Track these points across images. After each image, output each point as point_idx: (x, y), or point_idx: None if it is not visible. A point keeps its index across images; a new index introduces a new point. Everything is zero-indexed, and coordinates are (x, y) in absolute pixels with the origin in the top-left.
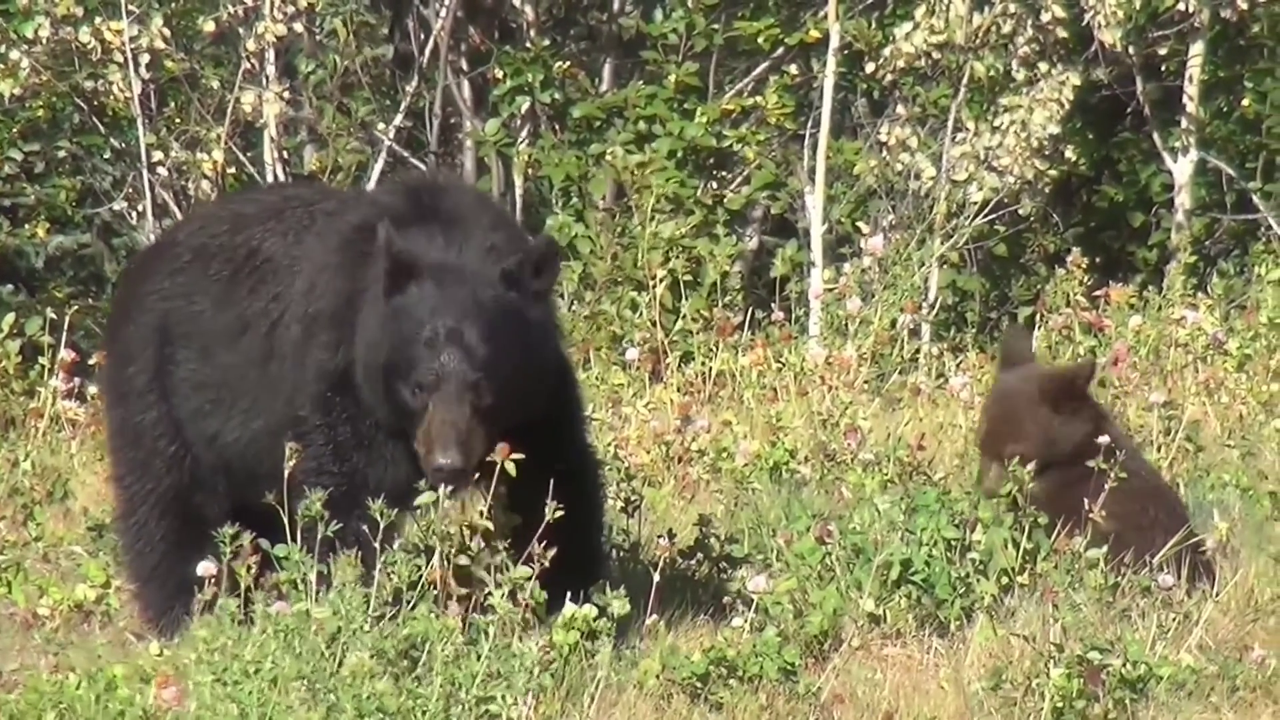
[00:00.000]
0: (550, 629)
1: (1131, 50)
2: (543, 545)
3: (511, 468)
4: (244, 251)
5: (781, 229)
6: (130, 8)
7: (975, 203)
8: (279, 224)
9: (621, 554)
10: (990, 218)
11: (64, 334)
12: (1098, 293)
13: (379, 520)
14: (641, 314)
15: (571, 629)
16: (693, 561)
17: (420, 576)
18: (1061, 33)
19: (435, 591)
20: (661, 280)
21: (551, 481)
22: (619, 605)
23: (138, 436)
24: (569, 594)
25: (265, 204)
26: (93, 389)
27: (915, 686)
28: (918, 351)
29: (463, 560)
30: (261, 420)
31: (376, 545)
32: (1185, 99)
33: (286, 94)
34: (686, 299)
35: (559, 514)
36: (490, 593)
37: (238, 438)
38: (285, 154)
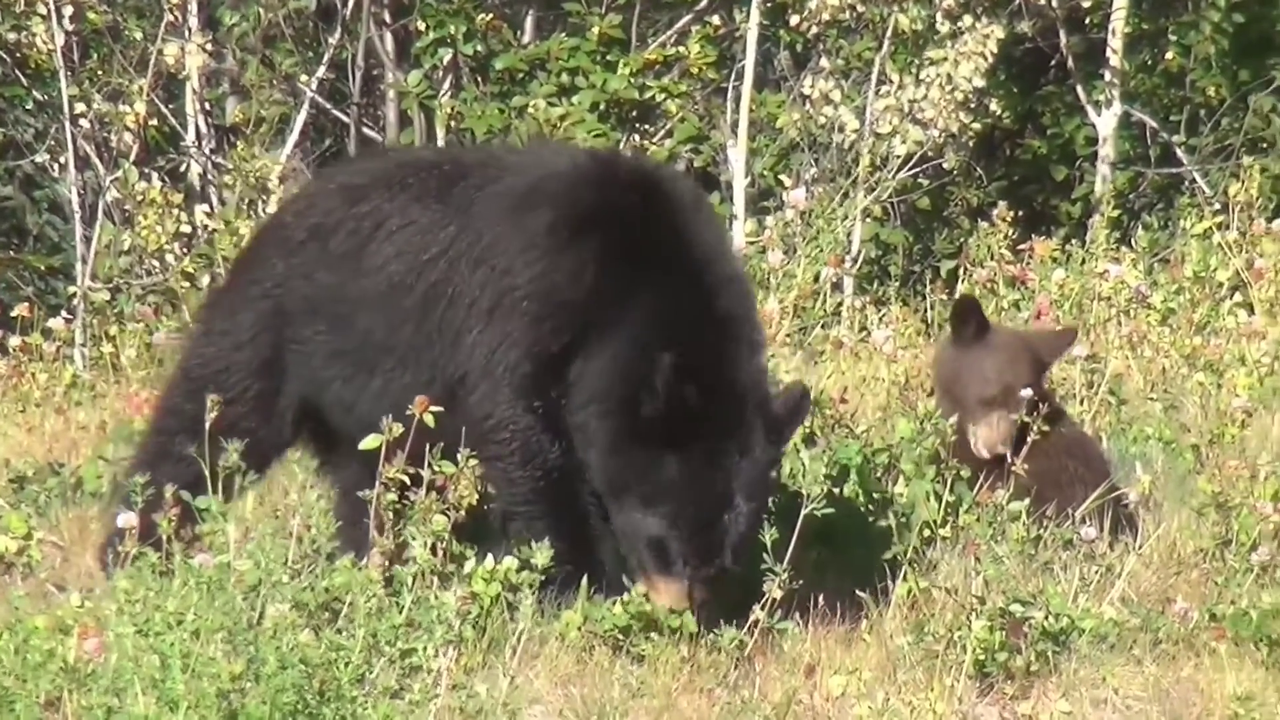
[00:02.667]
0: (470, 580)
1: (1055, 3)
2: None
3: (430, 419)
4: (370, 222)
5: (704, 182)
6: None
7: (899, 156)
8: (405, 190)
9: None
10: (914, 171)
11: None
12: (1021, 246)
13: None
14: None
15: (493, 581)
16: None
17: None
18: None
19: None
20: None
21: None
22: (542, 557)
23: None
24: None
25: (376, 173)
26: (14, 340)
27: (837, 639)
28: (840, 305)
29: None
30: (410, 376)
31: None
32: (1109, 52)
33: (209, 46)
34: None
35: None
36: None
37: (380, 397)
38: (208, 106)
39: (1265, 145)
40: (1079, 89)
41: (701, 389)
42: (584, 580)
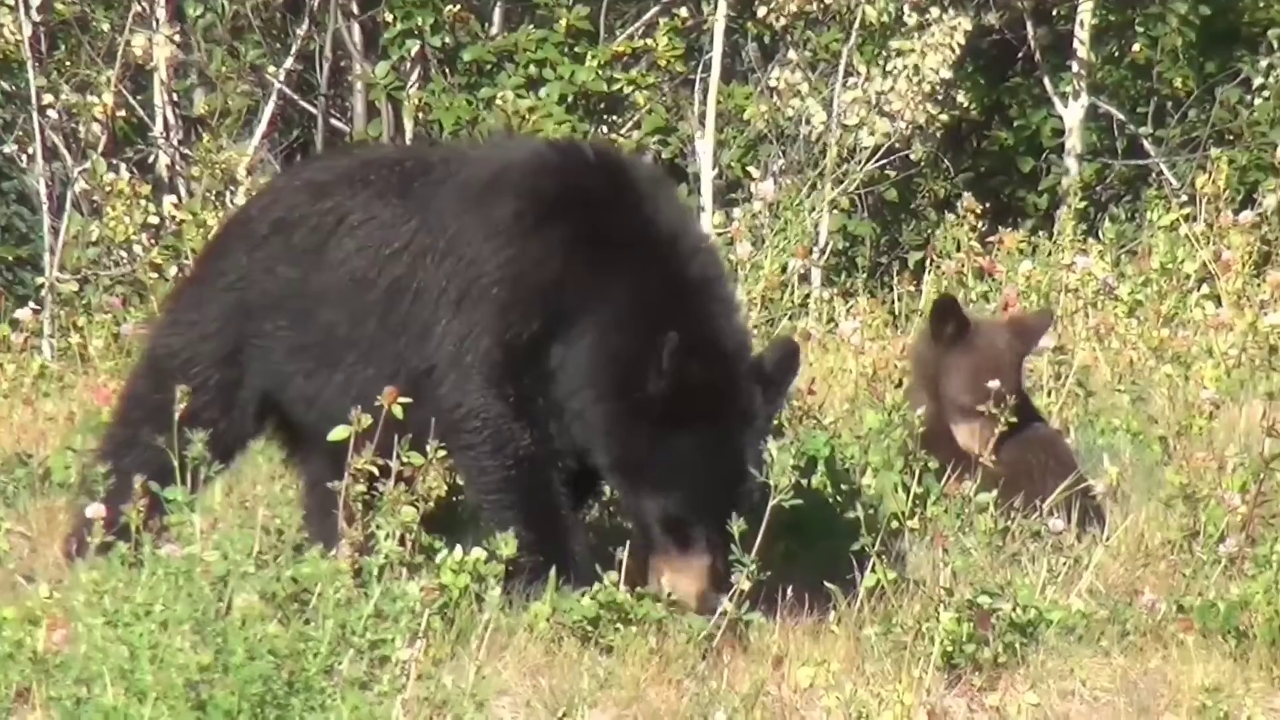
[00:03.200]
0: (438, 571)
1: None
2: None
3: (399, 411)
4: (333, 218)
5: (672, 174)
6: None
7: (866, 148)
8: (367, 187)
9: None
10: (881, 163)
11: None
12: (989, 238)
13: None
14: None
15: (461, 572)
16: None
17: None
18: None
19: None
20: None
21: None
22: (508, 548)
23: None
24: None
25: (340, 170)
26: None
27: (805, 631)
28: (808, 297)
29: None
30: (373, 369)
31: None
32: (1076, 44)
33: (177, 37)
34: None
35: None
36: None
37: (343, 391)
38: (175, 97)
39: (1232, 137)
40: (1046, 81)
41: (702, 363)
42: (553, 571)
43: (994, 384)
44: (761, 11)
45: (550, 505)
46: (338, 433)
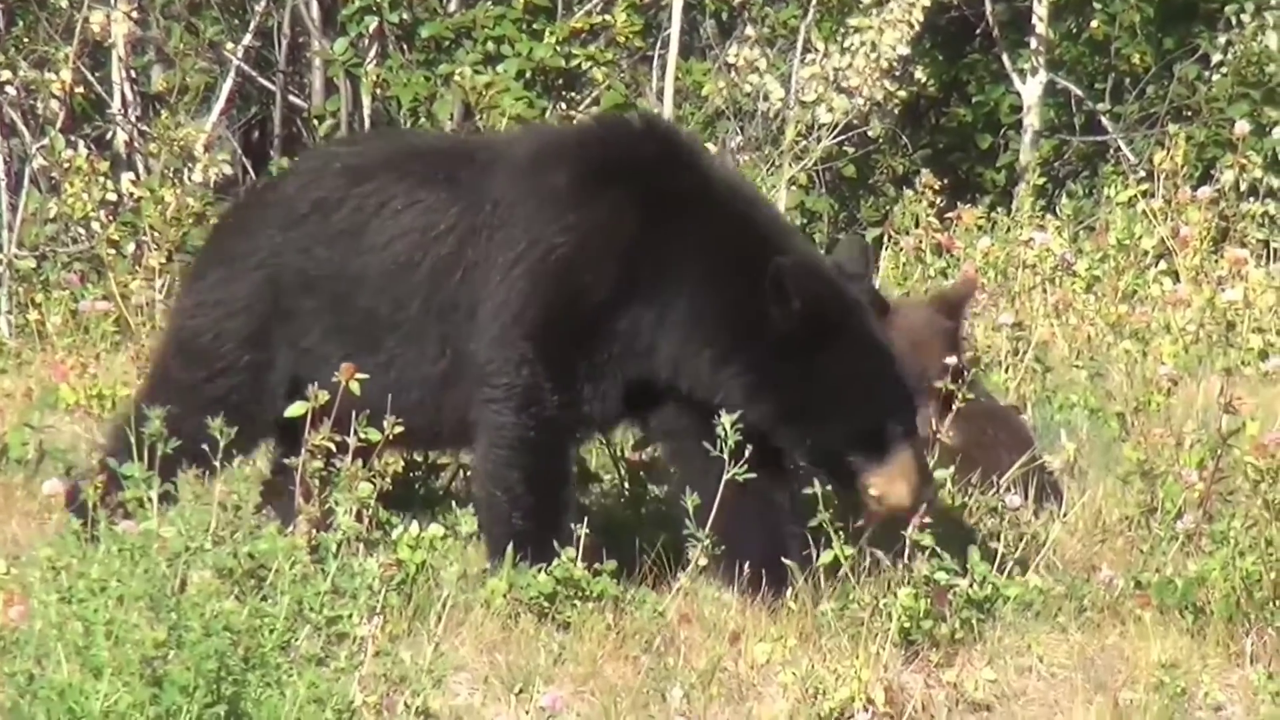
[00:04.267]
0: (395, 547)
1: None
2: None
3: (355, 388)
4: (375, 200)
5: None
6: None
7: (824, 124)
8: (410, 172)
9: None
10: (839, 139)
11: None
12: (947, 214)
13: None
14: None
15: (418, 548)
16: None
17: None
18: None
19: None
20: None
21: None
22: (467, 524)
23: (208, 369)
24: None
25: (380, 155)
26: None
27: (763, 607)
28: None
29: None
30: (415, 351)
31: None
32: (1034, 20)
33: (135, 14)
34: None
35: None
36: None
37: (382, 373)
38: (133, 74)
39: (1190, 113)
40: (1004, 57)
41: (813, 276)
42: (551, 541)
43: (949, 360)
44: None
45: (559, 474)
46: (295, 409)
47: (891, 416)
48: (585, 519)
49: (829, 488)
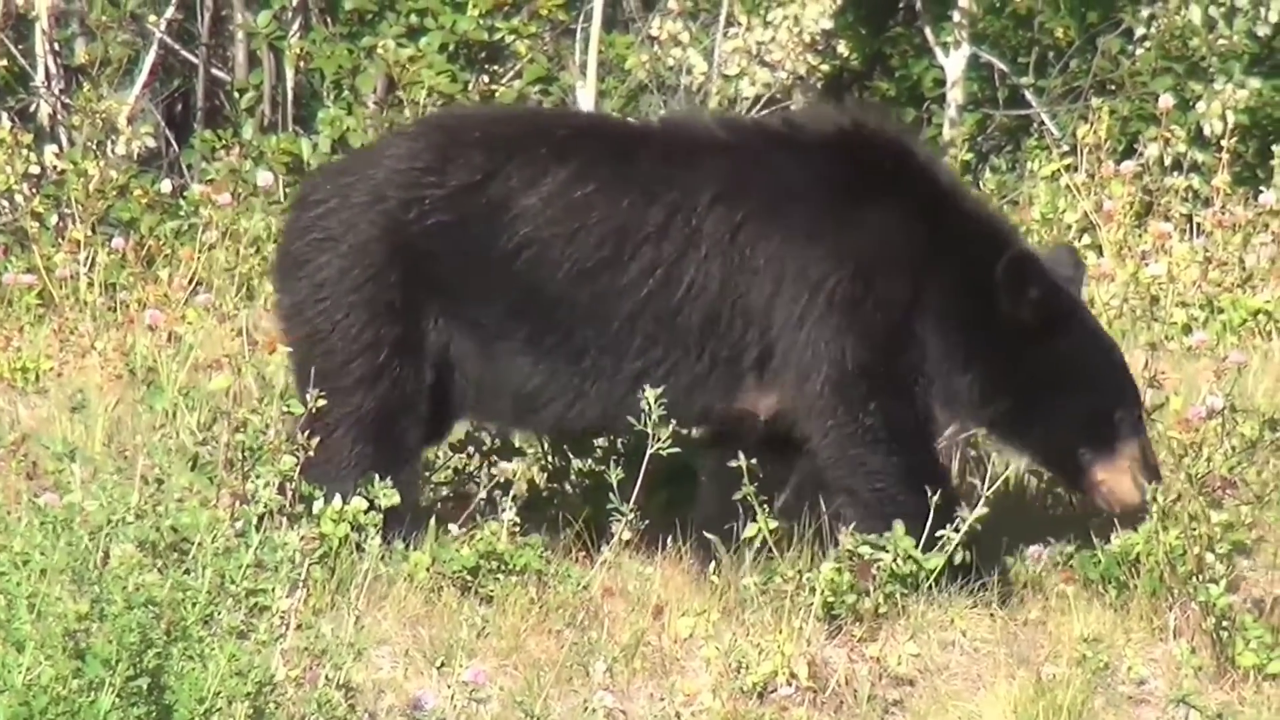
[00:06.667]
0: (318, 521)
1: None
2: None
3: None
4: (532, 179)
5: None
6: None
7: (747, 98)
8: (570, 154)
9: None
10: (762, 113)
11: None
12: None
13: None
14: None
15: (341, 522)
16: (463, 455)
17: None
18: None
19: None
20: None
21: None
22: (387, 498)
23: (346, 366)
24: None
25: (520, 130)
26: None
27: (686, 580)
28: None
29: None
30: (624, 345)
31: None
32: None
33: None
34: None
35: None
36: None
37: (572, 361)
38: (57, 46)
39: (1114, 87)
40: (927, 31)
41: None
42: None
43: None
44: None
45: (944, 480)
46: (217, 382)
47: (1121, 406)
48: (510, 492)
49: (753, 460)
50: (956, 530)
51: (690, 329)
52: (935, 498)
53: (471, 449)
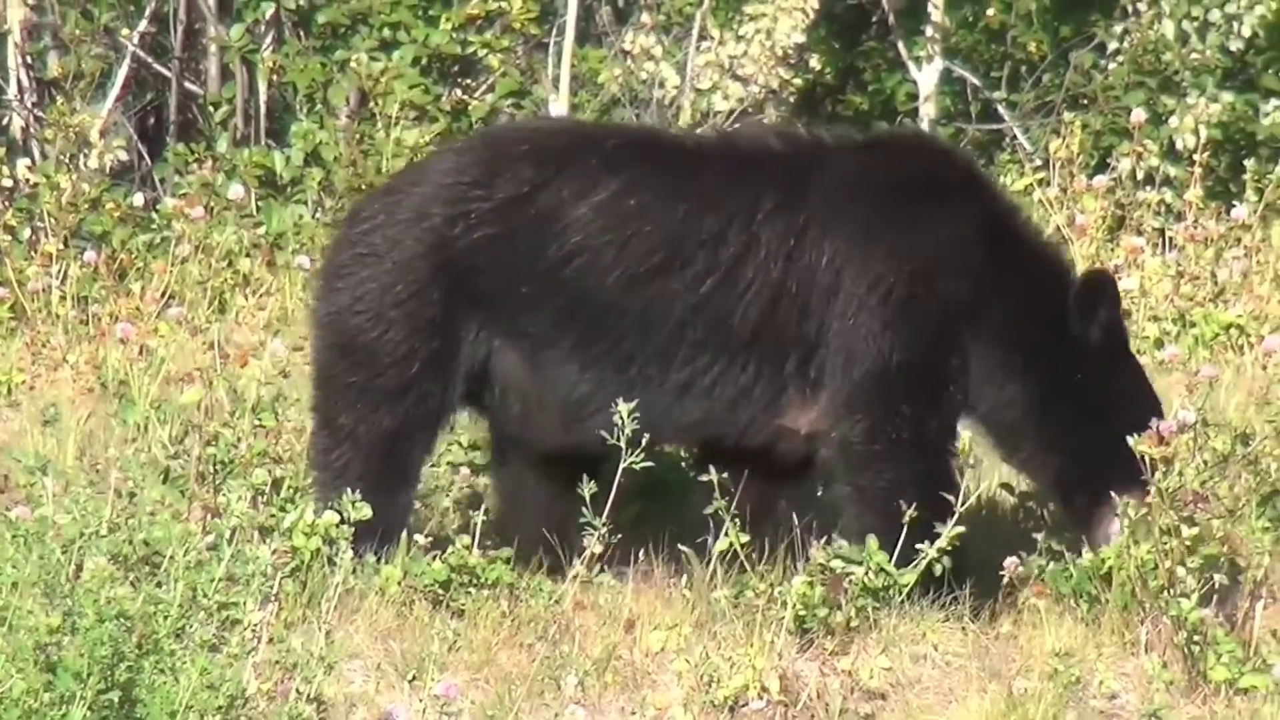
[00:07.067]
0: (290, 534)
1: None
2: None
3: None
4: (582, 189)
5: None
6: None
7: (720, 112)
8: (621, 163)
9: None
10: (735, 127)
11: None
12: None
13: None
14: None
15: (313, 535)
16: (439, 469)
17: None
18: None
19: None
20: None
21: None
22: (359, 511)
23: (354, 375)
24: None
25: (570, 141)
26: None
27: (657, 594)
28: None
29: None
30: (672, 353)
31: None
32: (931, 7)
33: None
34: None
35: None
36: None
37: (620, 369)
38: (29, 60)
39: (1086, 101)
40: (900, 45)
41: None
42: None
43: None
44: None
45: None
46: (189, 395)
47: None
48: (482, 506)
49: (725, 474)
50: (933, 543)
51: (741, 335)
52: (927, 511)
53: (448, 463)
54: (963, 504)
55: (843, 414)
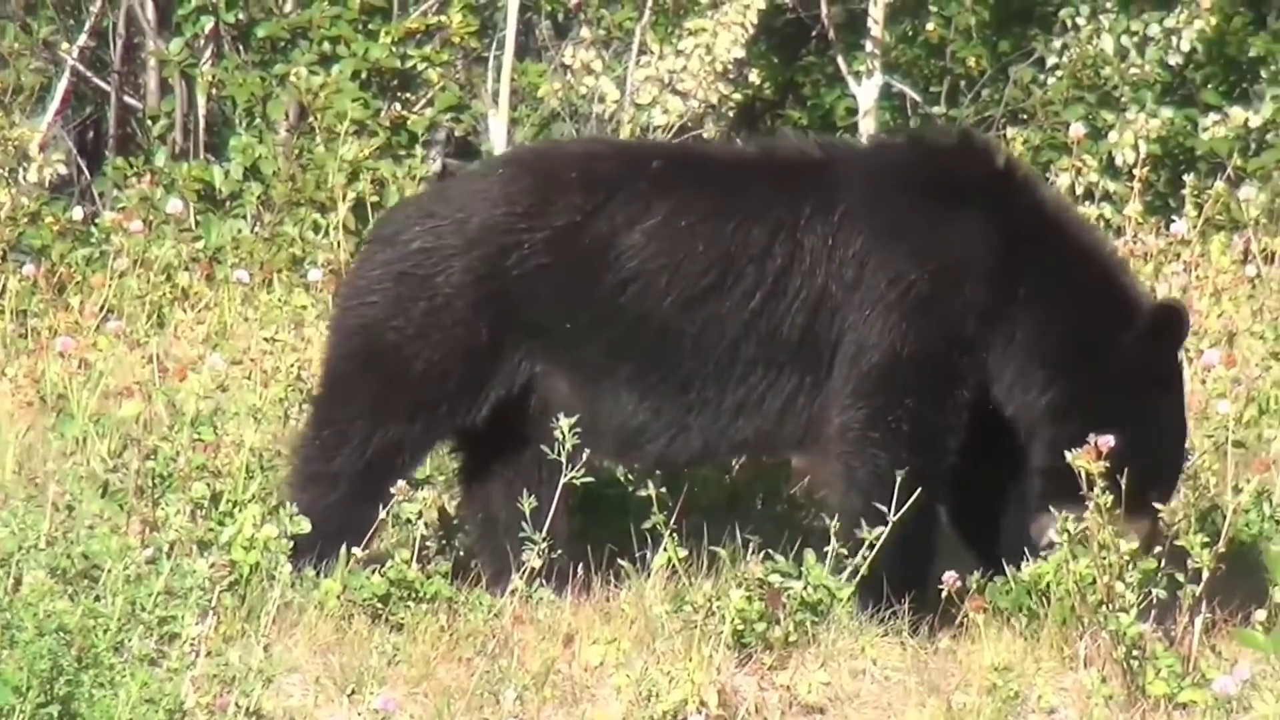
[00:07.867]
0: (229, 548)
1: None
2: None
3: None
4: (634, 215)
5: (465, 151)
6: None
7: (659, 126)
8: (668, 187)
9: None
10: (674, 142)
11: None
12: None
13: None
14: (325, 236)
15: (252, 549)
16: None
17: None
18: None
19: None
20: (346, 202)
21: None
22: (297, 525)
23: (363, 389)
24: None
25: (615, 164)
26: None
27: (596, 608)
28: None
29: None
30: (728, 373)
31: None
32: (870, 22)
33: None
34: (371, 222)
35: None
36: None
37: (678, 393)
38: None
39: (1025, 116)
40: (840, 59)
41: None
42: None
43: None
44: None
45: (934, 513)
46: (128, 409)
47: (1158, 487)
48: (420, 520)
49: (664, 489)
50: (871, 546)
51: (789, 346)
52: (911, 508)
53: None
54: (899, 514)
55: (847, 402)
